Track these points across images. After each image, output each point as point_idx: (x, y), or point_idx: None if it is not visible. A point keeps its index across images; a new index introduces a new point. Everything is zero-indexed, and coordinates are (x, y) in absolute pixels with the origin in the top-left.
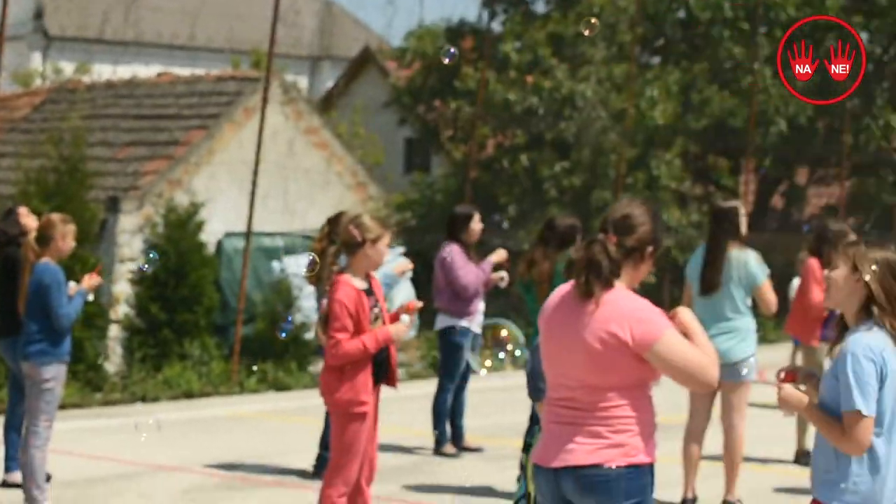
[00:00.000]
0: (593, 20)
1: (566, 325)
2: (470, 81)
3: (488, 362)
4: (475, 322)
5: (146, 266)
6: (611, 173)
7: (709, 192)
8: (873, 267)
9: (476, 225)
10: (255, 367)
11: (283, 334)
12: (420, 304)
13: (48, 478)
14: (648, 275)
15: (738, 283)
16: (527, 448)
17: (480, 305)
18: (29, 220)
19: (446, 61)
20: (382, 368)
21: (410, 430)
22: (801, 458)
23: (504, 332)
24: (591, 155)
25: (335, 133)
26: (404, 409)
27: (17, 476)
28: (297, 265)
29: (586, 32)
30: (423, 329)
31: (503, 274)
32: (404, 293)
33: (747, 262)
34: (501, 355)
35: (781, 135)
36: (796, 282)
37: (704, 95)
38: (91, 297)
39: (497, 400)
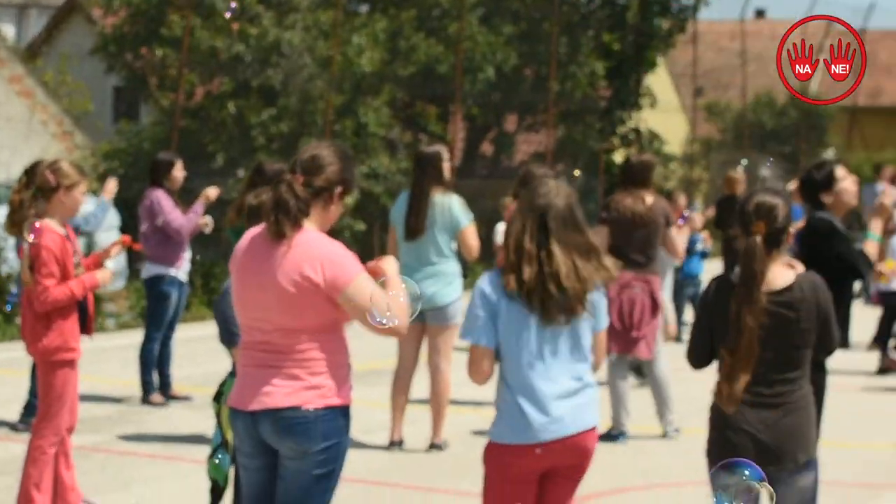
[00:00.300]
0: None
1: (258, 268)
2: (176, 28)
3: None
4: (182, 270)
5: None
6: (318, 120)
7: (417, 139)
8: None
9: (178, 172)
10: None
11: (9, 307)
12: (128, 237)
13: None
14: (357, 221)
15: (441, 227)
16: (218, 396)
17: (187, 253)
18: None
19: (228, 15)
20: (80, 316)
21: (119, 379)
22: None
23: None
24: (298, 102)
25: (40, 81)
26: (113, 358)
27: None
28: (0, 216)
29: None
30: (132, 278)
31: (208, 219)
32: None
33: (451, 206)
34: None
35: (489, 82)
36: (501, 226)
37: (411, 43)
38: None
39: (204, 349)
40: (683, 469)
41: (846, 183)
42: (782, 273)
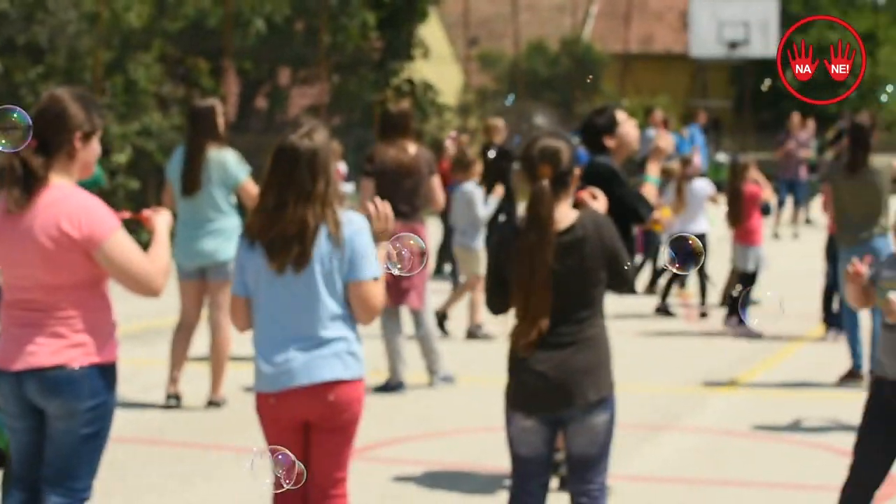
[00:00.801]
0: None
1: (15, 225)
2: None
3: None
4: None
5: None
6: (87, 78)
7: (190, 95)
8: None
9: None
10: None
11: None
12: None
13: None
14: (131, 179)
15: (218, 183)
16: None
17: None
18: None
19: None
20: None
21: None
22: None
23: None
24: (66, 59)
25: None
26: None
27: None
28: None
29: None
30: None
31: None
32: None
33: (226, 161)
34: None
35: (260, 35)
36: None
37: None
38: None
39: None
40: (461, 418)
41: (627, 126)
42: (566, 214)
